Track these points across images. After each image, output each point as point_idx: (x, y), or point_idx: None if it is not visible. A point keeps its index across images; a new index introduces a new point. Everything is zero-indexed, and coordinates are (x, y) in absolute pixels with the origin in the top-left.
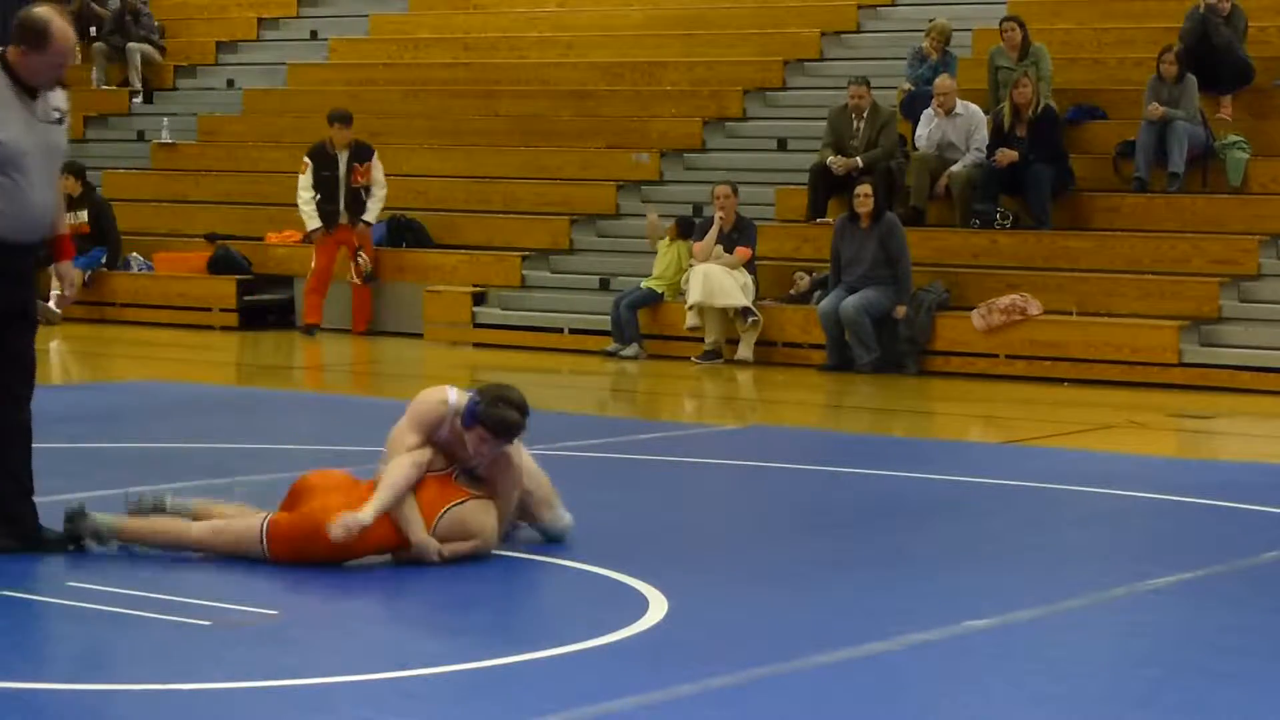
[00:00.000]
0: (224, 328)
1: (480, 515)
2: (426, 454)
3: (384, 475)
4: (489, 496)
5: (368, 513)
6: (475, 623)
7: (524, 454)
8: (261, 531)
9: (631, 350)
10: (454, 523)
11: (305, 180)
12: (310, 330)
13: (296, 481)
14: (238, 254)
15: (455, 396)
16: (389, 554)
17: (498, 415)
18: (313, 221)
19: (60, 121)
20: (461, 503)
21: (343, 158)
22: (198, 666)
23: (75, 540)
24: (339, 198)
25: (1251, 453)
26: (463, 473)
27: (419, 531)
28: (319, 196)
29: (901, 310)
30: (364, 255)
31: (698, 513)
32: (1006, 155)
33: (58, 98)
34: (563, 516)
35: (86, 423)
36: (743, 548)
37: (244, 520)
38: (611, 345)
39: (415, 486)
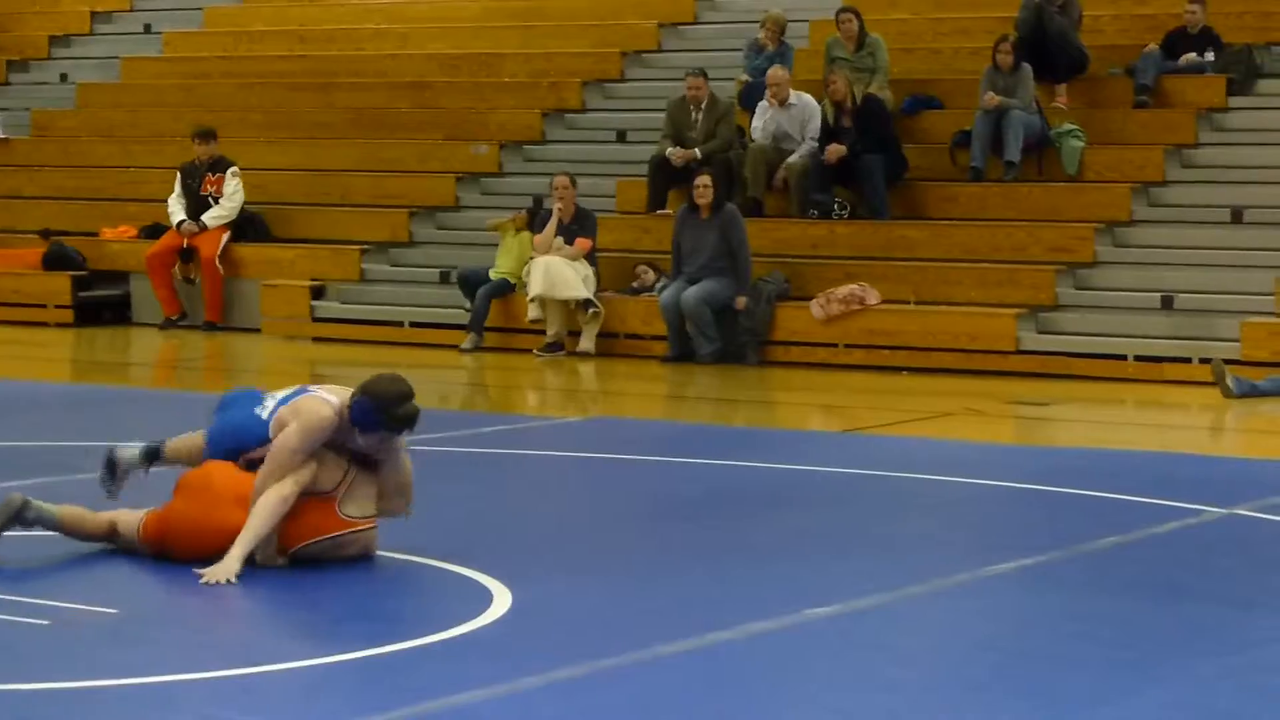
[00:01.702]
0: (59, 324)
1: (355, 548)
2: (301, 481)
3: (252, 513)
4: (368, 524)
5: (232, 565)
6: (320, 619)
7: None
8: (138, 530)
9: (470, 342)
10: (328, 550)
11: (175, 189)
12: (166, 324)
13: (186, 474)
14: (72, 250)
15: (338, 400)
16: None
17: (401, 414)
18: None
19: None
20: (340, 536)
21: (201, 170)
22: (37, 666)
23: None
24: (192, 206)
25: (1088, 439)
26: (346, 495)
27: (235, 563)
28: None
29: (742, 301)
30: (201, 257)
31: (541, 505)
32: (834, 150)
33: None
34: (406, 509)
35: None
36: (586, 539)
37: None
38: (470, 340)
39: (295, 508)
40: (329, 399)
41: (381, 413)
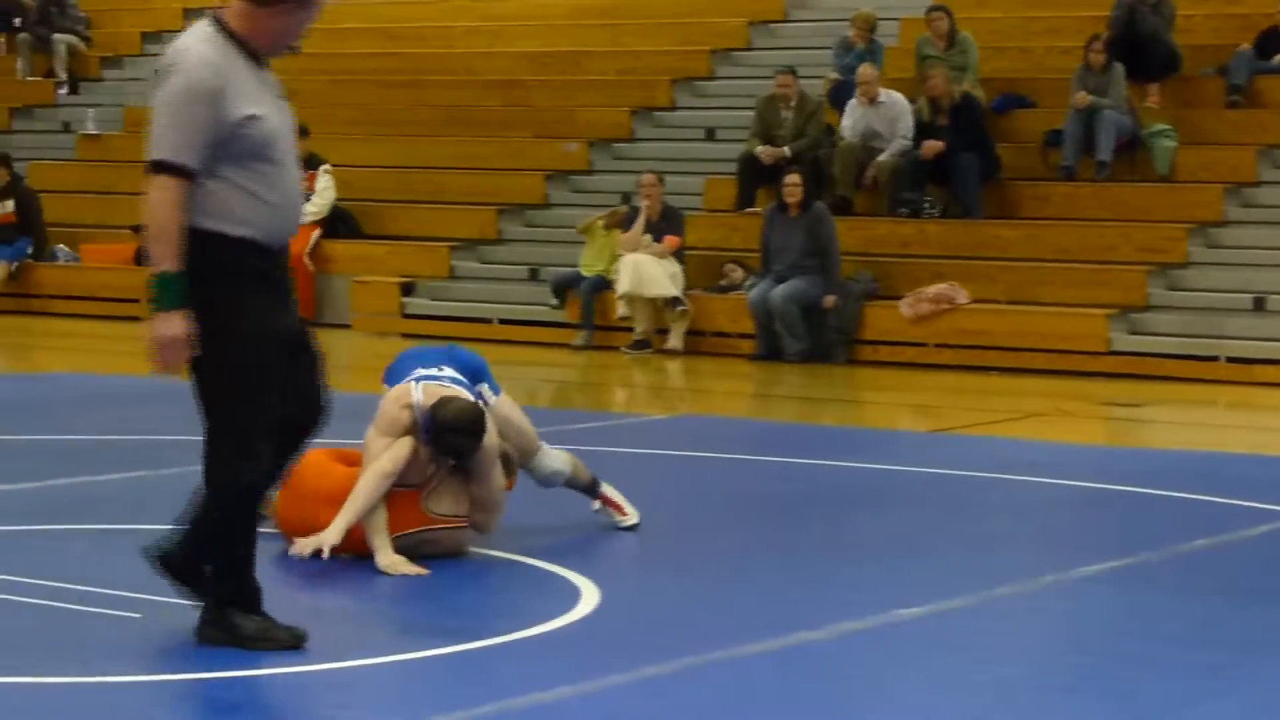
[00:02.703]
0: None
1: (442, 545)
2: (397, 458)
3: (353, 491)
4: (457, 523)
5: (332, 536)
6: (409, 615)
7: (505, 406)
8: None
9: (583, 339)
10: (414, 546)
11: None
12: None
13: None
14: None
15: (419, 395)
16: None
17: (446, 444)
18: None
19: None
20: (424, 532)
21: None
22: (129, 659)
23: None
24: None
25: (1178, 441)
26: (433, 492)
27: (385, 555)
28: None
29: (830, 300)
30: (291, 253)
31: (629, 502)
32: (930, 146)
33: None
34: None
35: (11, 414)
36: (673, 538)
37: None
38: (582, 337)
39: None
40: (413, 395)
41: (435, 434)
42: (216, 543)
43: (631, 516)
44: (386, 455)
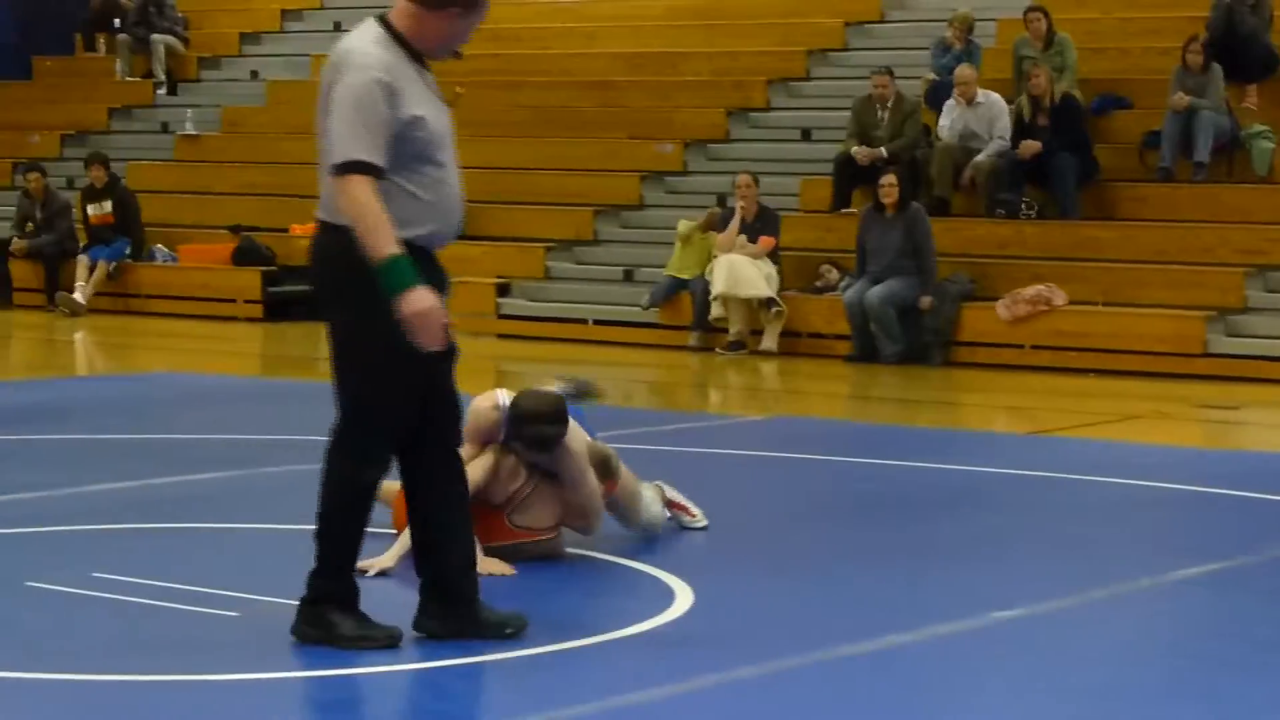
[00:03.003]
0: (249, 319)
1: (533, 554)
2: (470, 478)
3: None
4: (542, 535)
5: (387, 560)
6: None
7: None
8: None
9: (697, 340)
10: (502, 555)
11: None
12: None
13: None
14: (262, 245)
15: (505, 399)
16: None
17: (528, 434)
18: None
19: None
20: (510, 545)
21: None
22: (226, 657)
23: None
24: None
25: (1275, 443)
26: (519, 506)
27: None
28: None
29: (927, 301)
30: None
31: (723, 504)
32: (1029, 146)
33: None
34: (588, 529)
35: (111, 414)
36: (768, 539)
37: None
38: (696, 338)
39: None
40: (500, 398)
41: (516, 426)
42: (323, 538)
43: (700, 517)
44: (486, 456)
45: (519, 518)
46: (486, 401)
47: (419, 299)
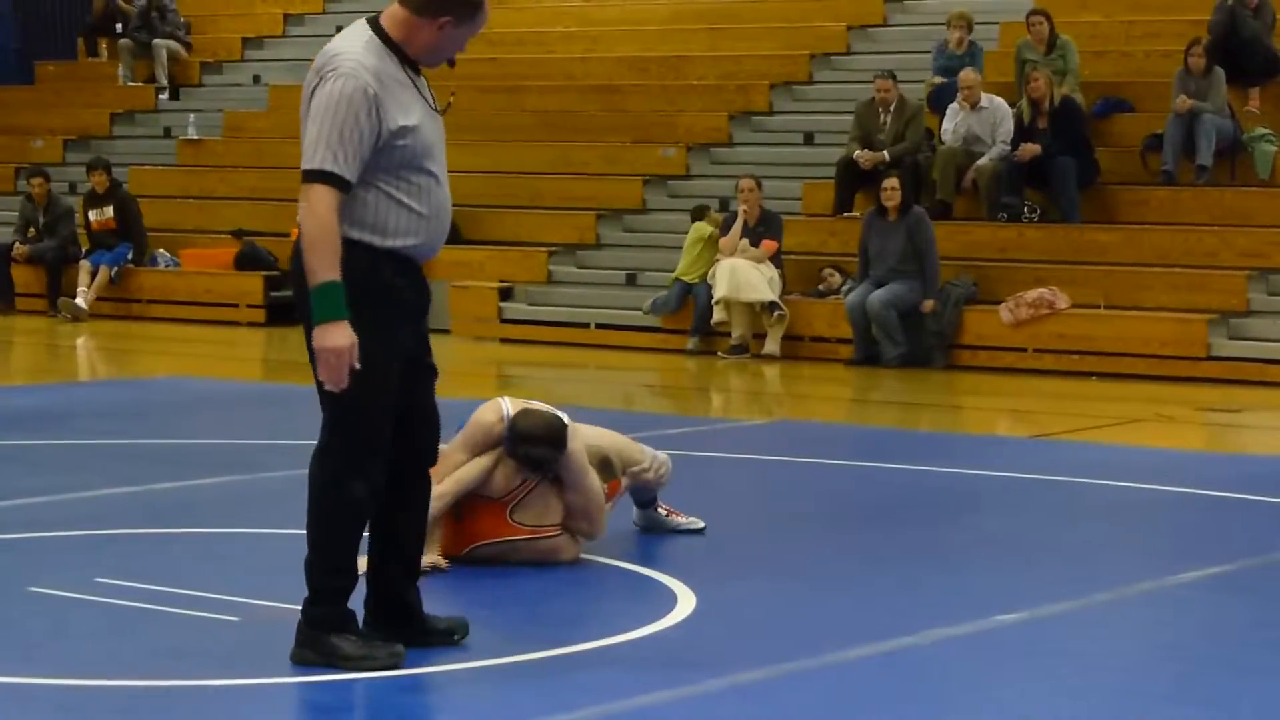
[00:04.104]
0: (251, 324)
1: (526, 554)
2: (461, 480)
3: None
4: (543, 533)
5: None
6: (505, 618)
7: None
8: None
9: (695, 343)
10: (502, 554)
11: None
12: None
13: None
14: (264, 250)
15: (510, 408)
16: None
17: (522, 453)
18: None
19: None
20: (510, 541)
21: None
22: (226, 662)
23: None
24: None
25: (1278, 446)
26: (520, 502)
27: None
28: None
29: (929, 304)
30: None
31: (725, 508)
32: (1028, 149)
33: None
34: (590, 533)
35: (113, 419)
36: (770, 543)
37: None
38: (694, 341)
39: (468, 509)
40: (504, 409)
41: (512, 445)
42: (315, 564)
43: (696, 519)
44: (451, 478)
45: (520, 514)
46: (491, 415)
47: (338, 334)
